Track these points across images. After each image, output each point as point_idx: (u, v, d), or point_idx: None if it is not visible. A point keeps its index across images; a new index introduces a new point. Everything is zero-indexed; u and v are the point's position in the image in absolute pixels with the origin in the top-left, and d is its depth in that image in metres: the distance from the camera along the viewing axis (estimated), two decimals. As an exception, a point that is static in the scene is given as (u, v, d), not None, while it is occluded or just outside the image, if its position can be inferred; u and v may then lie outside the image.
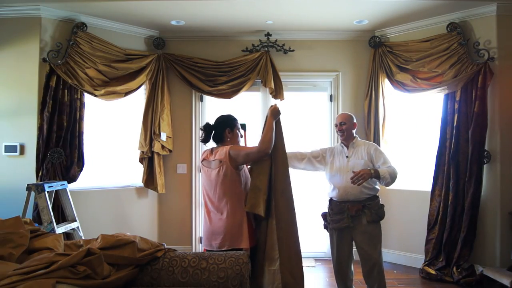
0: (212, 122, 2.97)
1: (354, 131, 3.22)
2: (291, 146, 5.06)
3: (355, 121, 3.24)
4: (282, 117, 2.92)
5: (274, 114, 2.82)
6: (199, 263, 2.24)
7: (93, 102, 4.32)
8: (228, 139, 2.86)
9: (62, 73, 3.94)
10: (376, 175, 2.90)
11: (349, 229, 3.08)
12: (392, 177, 2.94)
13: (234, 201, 2.73)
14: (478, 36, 4.03)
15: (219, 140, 2.90)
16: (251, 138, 3.32)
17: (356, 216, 3.04)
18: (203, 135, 2.91)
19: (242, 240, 2.69)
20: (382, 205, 3.13)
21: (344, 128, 3.16)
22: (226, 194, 2.73)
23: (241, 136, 2.99)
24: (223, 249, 2.65)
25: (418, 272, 4.25)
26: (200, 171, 3.11)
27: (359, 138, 3.24)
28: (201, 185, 3.97)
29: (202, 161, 2.90)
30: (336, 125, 3.23)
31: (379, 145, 4.53)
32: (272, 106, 2.92)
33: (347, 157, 3.14)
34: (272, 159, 2.73)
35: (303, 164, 3.24)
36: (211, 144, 2.97)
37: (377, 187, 3.10)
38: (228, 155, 2.72)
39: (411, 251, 4.50)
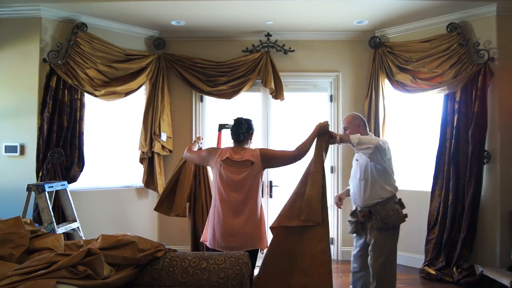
0: (223, 122, 3.03)
1: (361, 131, 3.06)
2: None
3: (359, 121, 3.11)
4: (282, 118, 2.94)
5: (319, 129, 2.83)
6: (199, 263, 2.24)
7: (93, 102, 4.32)
8: (250, 141, 2.98)
9: (62, 73, 3.94)
10: (345, 138, 2.81)
11: (360, 234, 3.07)
12: (364, 141, 2.76)
13: (258, 202, 2.81)
14: (478, 36, 4.03)
15: (241, 140, 2.91)
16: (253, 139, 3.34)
17: (364, 222, 3.00)
18: (235, 130, 2.91)
19: (261, 240, 2.79)
20: (395, 211, 2.91)
21: (348, 133, 3.06)
22: (252, 196, 2.77)
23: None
24: (242, 249, 2.63)
25: (418, 272, 4.26)
26: (205, 168, 3.12)
27: (373, 136, 3.07)
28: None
29: (223, 159, 2.82)
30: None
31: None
32: (322, 122, 2.88)
33: (356, 160, 3.09)
34: (323, 171, 2.74)
35: None
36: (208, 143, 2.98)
37: (389, 188, 2.94)
38: (260, 157, 2.78)
39: (411, 251, 4.50)
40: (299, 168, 3.20)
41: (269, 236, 4.99)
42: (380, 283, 2.96)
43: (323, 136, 2.81)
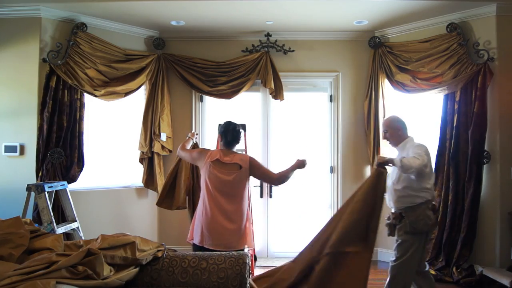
0: (220, 123, 3.22)
1: (400, 133, 3.04)
2: (289, 146, 5.06)
3: (398, 124, 3.07)
4: (281, 118, 3.02)
5: (299, 166, 2.99)
6: (199, 264, 2.24)
7: (93, 102, 4.32)
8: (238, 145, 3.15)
9: (62, 73, 3.94)
10: (391, 161, 2.74)
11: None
12: (406, 165, 2.68)
13: (244, 204, 2.93)
14: (478, 36, 4.03)
15: (233, 145, 3.06)
16: (251, 139, 3.38)
17: (395, 225, 2.99)
18: (231, 139, 3.03)
19: (247, 241, 2.94)
20: (425, 216, 2.86)
21: (388, 136, 3.06)
22: (239, 198, 2.91)
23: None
24: (231, 249, 2.73)
25: (418, 272, 4.25)
26: (197, 165, 3.28)
27: (414, 140, 3.04)
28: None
29: (213, 160, 2.94)
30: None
31: (379, 146, 4.53)
32: (303, 160, 3.01)
33: None
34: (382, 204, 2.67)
35: None
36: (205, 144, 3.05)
37: (422, 194, 2.88)
38: (249, 163, 2.92)
39: (411, 251, 4.49)
40: (300, 170, 3.23)
41: (271, 238, 4.99)
42: (394, 282, 2.95)
43: (381, 168, 2.72)
